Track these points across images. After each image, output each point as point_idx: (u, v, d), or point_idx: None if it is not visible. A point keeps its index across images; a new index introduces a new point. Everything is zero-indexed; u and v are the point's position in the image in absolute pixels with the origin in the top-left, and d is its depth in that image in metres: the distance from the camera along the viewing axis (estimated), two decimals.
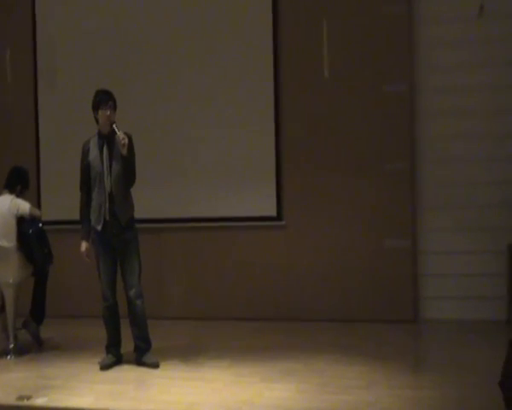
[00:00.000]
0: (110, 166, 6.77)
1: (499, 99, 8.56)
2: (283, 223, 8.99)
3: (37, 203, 9.51)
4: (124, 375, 6.65)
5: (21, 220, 7.64)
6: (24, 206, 7.67)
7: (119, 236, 6.79)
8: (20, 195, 7.81)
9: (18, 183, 7.85)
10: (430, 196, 8.71)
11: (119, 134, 6.61)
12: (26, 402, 5.84)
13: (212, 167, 9.18)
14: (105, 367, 6.83)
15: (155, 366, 6.81)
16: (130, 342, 7.00)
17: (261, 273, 9.03)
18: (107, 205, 6.75)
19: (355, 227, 8.71)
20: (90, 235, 6.93)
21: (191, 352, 7.43)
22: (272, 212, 9.02)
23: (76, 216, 9.47)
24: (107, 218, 6.76)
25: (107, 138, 6.81)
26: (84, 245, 6.94)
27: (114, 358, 6.97)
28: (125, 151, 6.63)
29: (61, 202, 9.57)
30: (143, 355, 6.91)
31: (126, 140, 6.61)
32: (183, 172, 9.18)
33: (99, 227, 6.79)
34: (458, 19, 8.62)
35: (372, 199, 8.66)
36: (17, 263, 7.58)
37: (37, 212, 7.88)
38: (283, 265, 8.98)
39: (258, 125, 9.05)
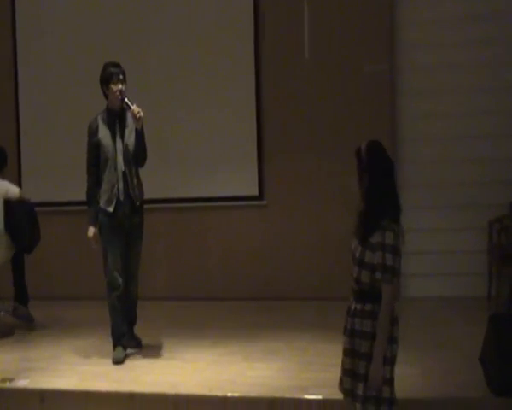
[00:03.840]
0: (122, 144, 6.44)
1: (479, 78, 8.58)
2: (264, 202, 9.00)
3: (17, 184, 9.47)
4: (106, 356, 6.65)
5: (7, 202, 7.50)
6: (14, 190, 7.56)
7: (131, 217, 6.49)
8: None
9: None
10: (411, 174, 8.70)
11: (134, 108, 6.26)
12: (8, 385, 5.84)
13: (194, 147, 9.15)
14: (119, 362, 6.41)
15: (138, 346, 6.80)
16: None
17: (243, 252, 9.04)
18: (121, 185, 6.41)
19: (336, 207, 8.69)
20: (97, 219, 6.50)
21: (173, 332, 7.46)
22: (254, 191, 9.02)
23: (58, 197, 9.53)
24: (121, 198, 6.40)
25: (119, 115, 6.47)
26: (91, 230, 6.51)
27: (125, 350, 6.58)
28: (139, 125, 6.33)
29: (42, 183, 9.52)
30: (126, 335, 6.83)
31: (142, 113, 6.27)
32: (165, 153, 9.08)
33: (110, 209, 6.40)
34: None
35: (353, 179, 8.65)
36: (4, 245, 7.50)
37: (26, 195, 7.76)
38: (265, 244, 9.00)
39: (239, 104, 9.04)
